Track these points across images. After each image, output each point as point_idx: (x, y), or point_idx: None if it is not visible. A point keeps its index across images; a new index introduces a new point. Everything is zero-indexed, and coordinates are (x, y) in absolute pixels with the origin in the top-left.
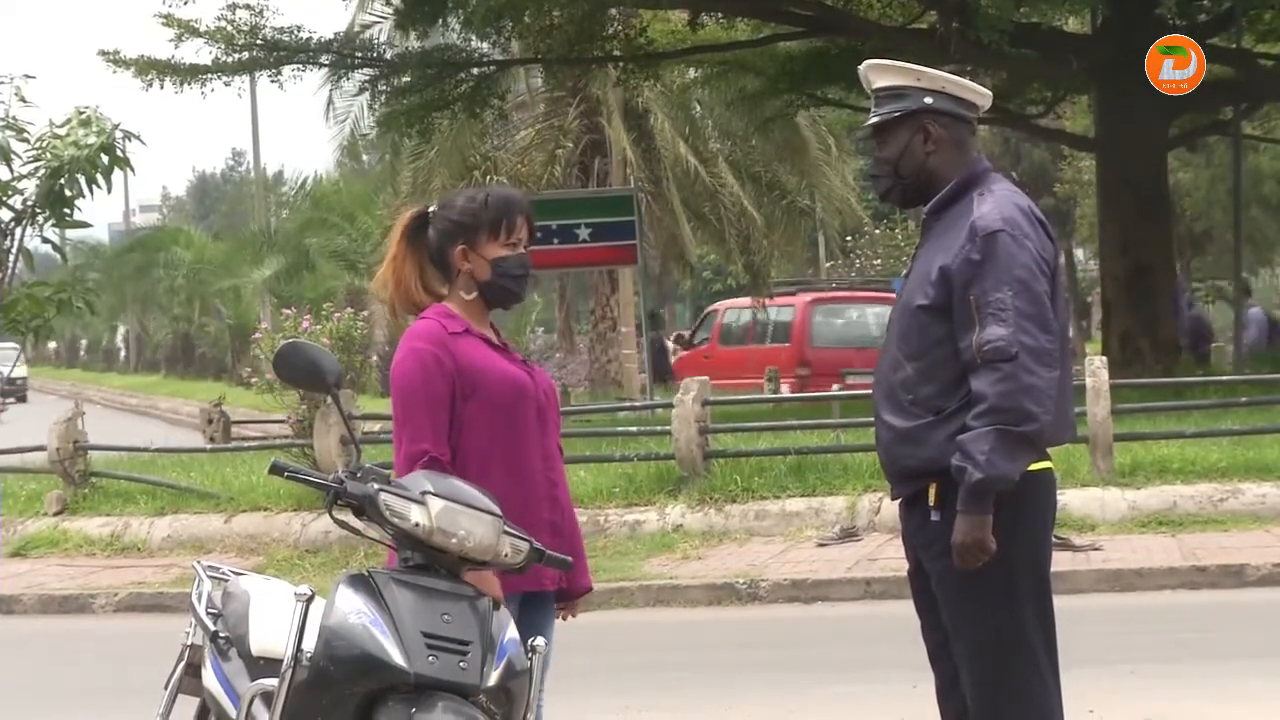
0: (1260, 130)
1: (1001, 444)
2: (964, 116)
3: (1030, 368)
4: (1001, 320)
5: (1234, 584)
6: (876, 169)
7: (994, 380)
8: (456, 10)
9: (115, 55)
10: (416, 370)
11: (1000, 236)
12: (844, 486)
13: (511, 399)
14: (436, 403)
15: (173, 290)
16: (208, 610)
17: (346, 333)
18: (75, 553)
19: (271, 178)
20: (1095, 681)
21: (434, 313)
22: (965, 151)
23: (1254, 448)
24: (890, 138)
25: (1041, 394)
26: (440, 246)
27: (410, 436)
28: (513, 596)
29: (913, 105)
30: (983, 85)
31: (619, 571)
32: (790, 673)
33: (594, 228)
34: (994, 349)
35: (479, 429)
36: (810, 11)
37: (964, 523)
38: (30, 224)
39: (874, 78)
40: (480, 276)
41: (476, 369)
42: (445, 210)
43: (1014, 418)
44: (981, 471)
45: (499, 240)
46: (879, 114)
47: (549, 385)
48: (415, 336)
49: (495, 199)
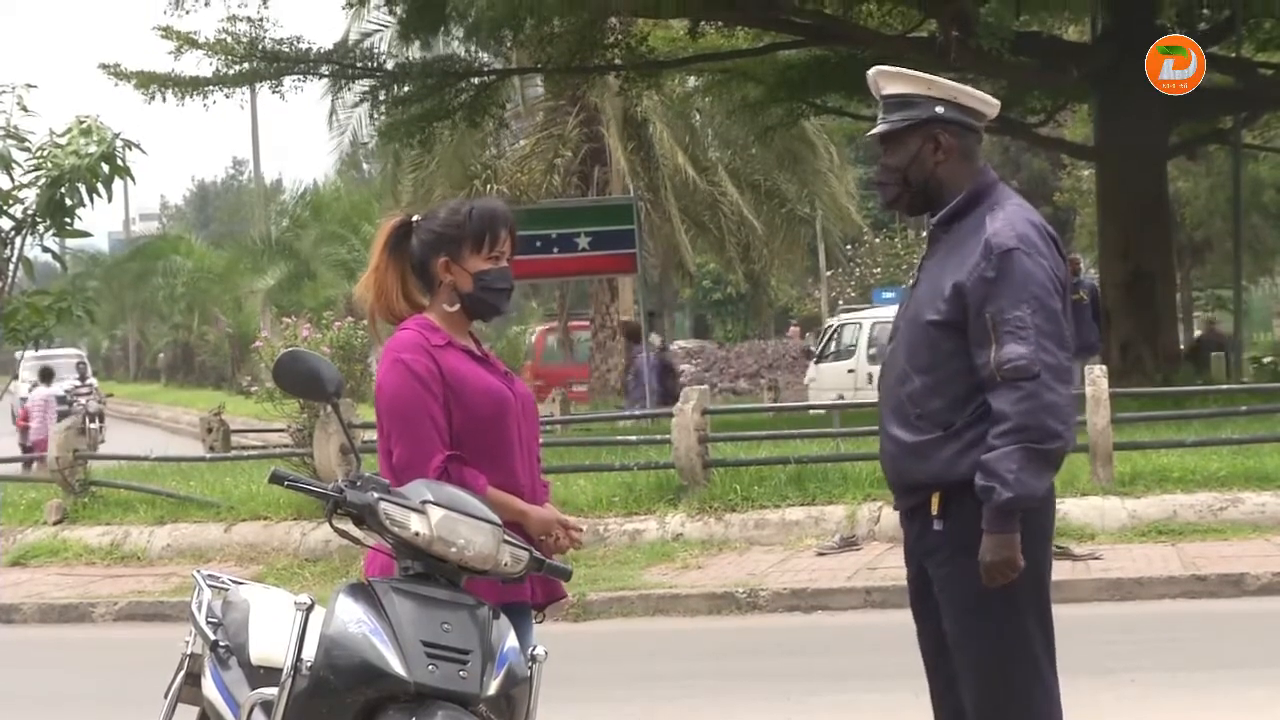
0: (1260, 139)
1: (1029, 462)
2: (973, 126)
3: (1051, 385)
4: (1021, 339)
5: (1234, 593)
6: (884, 176)
7: (1017, 399)
8: (459, 20)
9: (117, 69)
10: (408, 382)
11: (1016, 254)
12: (844, 495)
13: (494, 412)
14: (435, 408)
15: (173, 299)
16: (208, 619)
17: (346, 341)
18: (75, 561)
19: (271, 185)
20: (1095, 691)
21: (415, 324)
22: (973, 161)
23: (1254, 457)
24: (899, 145)
25: (1063, 411)
26: (422, 257)
27: (419, 450)
28: (494, 608)
29: (923, 114)
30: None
31: (619, 580)
32: (790, 682)
33: (594, 236)
34: (1015, 368)
35: (465, 443)
36: (810, 20)
37: (993, 542)
38: (30, 233)
39: (884, 84)
40: (463, 289)
41: (460, 383)
42: (428, 221)
43: (1038, 435)
44: (1011, 490)
45: (482, 253)
46: (888, 121)
47: (527, 396)
48: (399, 348)
49: (479, 212)
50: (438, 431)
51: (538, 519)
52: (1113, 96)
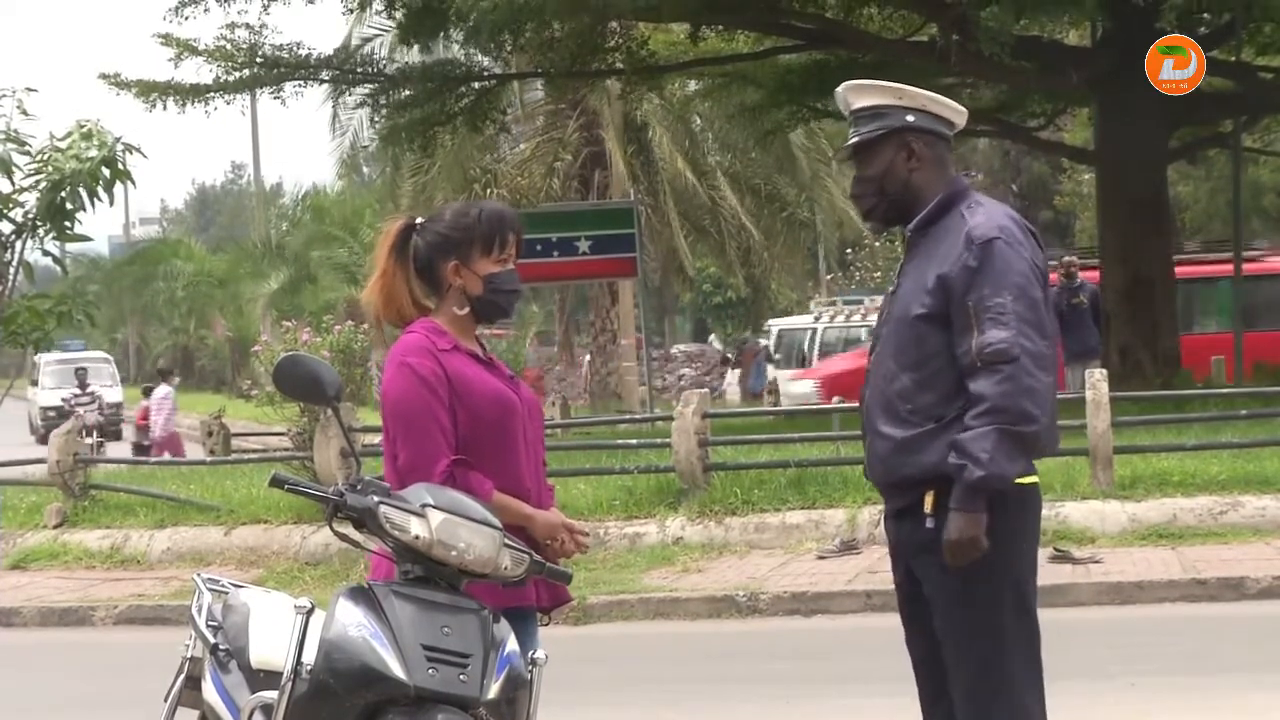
0: (1260, 143)
1: (1002, 443)
2: (943, 134)
3: (1030, 370)
4: (1002, 324)
5: (1234, 597)
6: (859, 188)
7: (995, 382)
8: (458, 24)
9: (117, 78)
10: (414, 385)
11: (997, 244)
12: (844, 499)
13: (499, 416)
14: (441, 412)
15: (173, 302)
16: (208, 623)
17: (346, 345)
18: (75, 565)
19: (271, 189)
20: (1096, 694)
21: (421, 327)
22: (945, 168)
23: (1254, 460)
24: (873, 157)
25: (1040, 397)
26: (429, 259)
27: (425, 454)
28: (495, 611)
29: (895, 123)
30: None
31: (619, 584)
32: (790, 685)
33: (594, 240)
34: (995, 351)
35: (471, 448)
36: (810, 24)
37: (959, 520)
38: (31, 236)
39: (853, 99)
40: (473, 292)
41: (466, 387)
42: (433, 224)
43: (1014, 418)
44: (983, 469)
45: (491, 256)
46: (860, 133)
47: (532, 400)
48: (405, 351)
49: (489, 215)
50: (443, 435)
51: (544, 523)
52: (1113, 100)
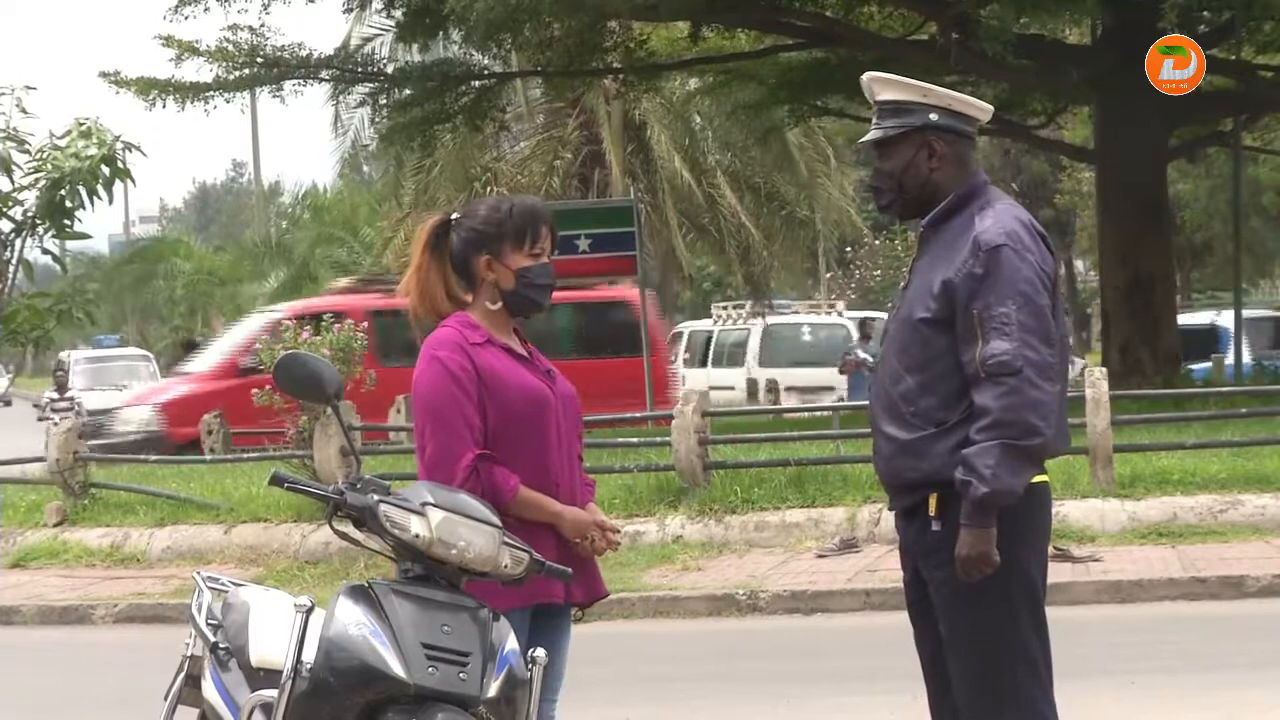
0: (1260, 141)
1: (1006, 458)
2: (966, 132)
3: (1034, 382)
4: (1005, 335)
5: (1234, 595)
6: (879, 181)
7: (998, 394)
8: (457, 24)
9: (117, 76)
10: (442, 378)
11: (1003, 251)
12: (844, 498)
13: (531, 411)
14: (468, 407)
15: (173, 301)
16: (208, 621)
17: (346, 344)
18: (75, 564)
19: (270, 187)
20: (1096, 693)
21: (455, 321)
22: (966, 166)
23: (1254, 459)
24: (894, 151)
25: (1045, 408)
26: (463, 254)
27: (450, 449)
28: (524, 610)
29: (917, 121)
30: (983, 96)
31: (619, 583)
32: (790, 684)
33: (594, 238)
34: (998, 363)
35: (501, 442)
36: (810, 23)
37: (969, 536)
38: (30, 235)
39: (878, 90)
40: (505, 286)
41: (497, 381)
42: (468, 219)
43: (1018, 432)
44: (988, 485)
45: (524, 250)
46: (882, 128)
47: (569, 393)
48: (436, 345)
49: (520, 209)
50: (469, 430)
51: (573, 520)
52: (1113, 99)
